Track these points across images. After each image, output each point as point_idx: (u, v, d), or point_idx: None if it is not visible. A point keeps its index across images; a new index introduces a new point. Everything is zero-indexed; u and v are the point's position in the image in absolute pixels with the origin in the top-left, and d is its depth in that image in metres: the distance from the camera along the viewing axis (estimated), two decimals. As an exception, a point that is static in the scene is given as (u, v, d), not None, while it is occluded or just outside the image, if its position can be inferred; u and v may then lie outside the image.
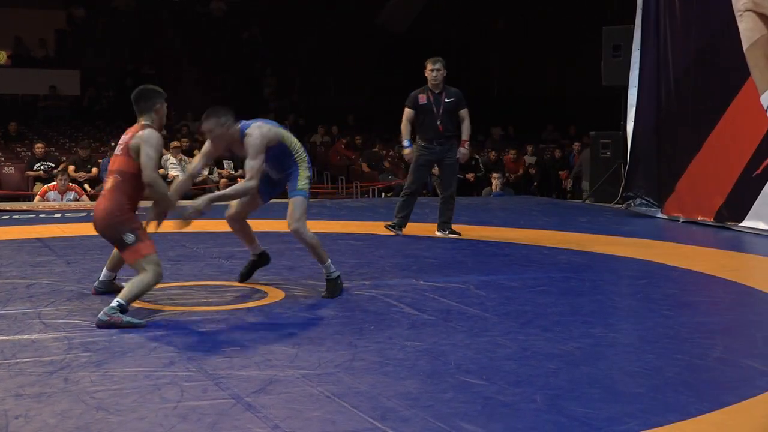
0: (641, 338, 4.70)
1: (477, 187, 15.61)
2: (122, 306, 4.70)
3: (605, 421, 3.28)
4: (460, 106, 8.46)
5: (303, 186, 5.55)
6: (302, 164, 5.60)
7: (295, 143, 5.62)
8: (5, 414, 3.25)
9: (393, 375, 3.84)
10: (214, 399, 3.48)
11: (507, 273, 6.64)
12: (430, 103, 8.39)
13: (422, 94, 8.48)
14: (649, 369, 4.00)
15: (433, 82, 8.46)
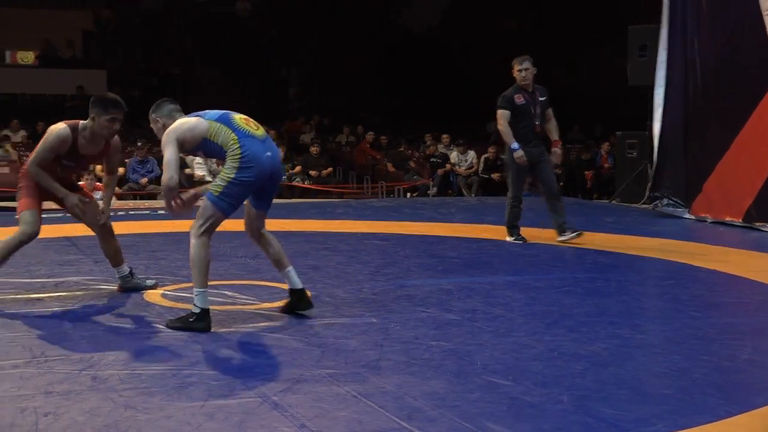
0: (669, 339, 4.67)
1: (503, 187, 15.57)
2: None
3: (633, 422, 3.26)
4: (549, 105, 8.22)
5: (215, 190, 4.71)
6: (230, 164, 4.67)
7: (222, 133, 4.69)
8: (35, 411, 3.28)
9: (419, 375, 3.84)
10: (241, 398, 3.49)
11: (533, 273, 6.62)
12: (528, 103, 8.04)
13: (518, 94, 8.06)
14: (677, 370, 3.98)
15: (523, 82, 8.06)
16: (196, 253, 4.66)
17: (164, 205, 4.96)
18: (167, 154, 4.65)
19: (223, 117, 4.77)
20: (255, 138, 4.74)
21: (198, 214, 4.72)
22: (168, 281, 6.03)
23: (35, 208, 5.26)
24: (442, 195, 15.37)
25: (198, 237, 4.68)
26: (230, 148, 4.66)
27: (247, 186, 4.70)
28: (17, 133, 17.06)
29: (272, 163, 4.77)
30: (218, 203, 4.69)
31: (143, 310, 5.10)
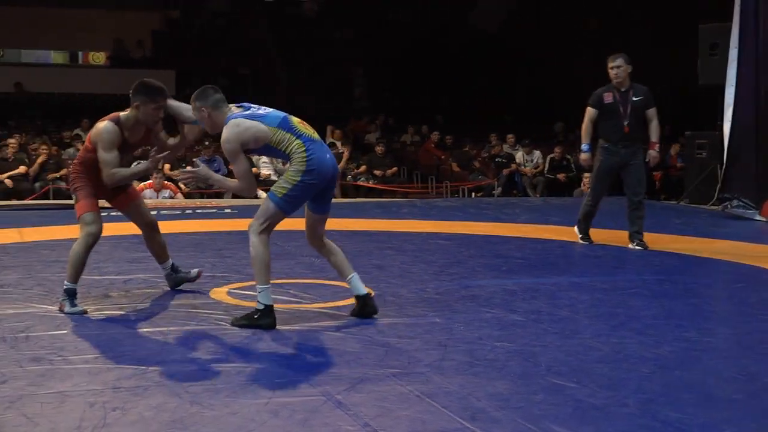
0: (737, 343, 4.59)
1: (569, 188, 15.46)
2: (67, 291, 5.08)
3: (700, 427, 3.21)
4: (648, 105, 7.84)
5: (276, 190, 4.76)
6: (295, 166, 4.74)
7: (286, 140, 4.75)
8: (103, 406, 3.34)
9: (483, 375, 3.83)
10: (305, 396, 3.51)
11: (598, 275, 6.56)
12: (616, 102, 7.82)
13: (608, 92, 7.90)
14: (746, 375, 3.91)
15: (616, 80, 7.85)
16: (256, 251, 4.72)
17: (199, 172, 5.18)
18: (241, 166, 4.78)
19: (284, 123, 4.81)
20: (316, 141, 4.82)
21: (259, 213, 4.77)
22: (233, 279, 6.09)
23: (95, 209, 5.27)
24: (506, 195, 15.29)
25: (258, 235, 4.74)
26: (296, 152, 4.73)
27: (311, 189, 4.77)
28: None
29: (333, 165, 4.86)
30: (281, 204, 4.74)
31: (209, 308, 5.16)
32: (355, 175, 15.47)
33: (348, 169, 15.67)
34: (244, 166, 4.79)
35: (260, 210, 4.78)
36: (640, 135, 7.88)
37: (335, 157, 5.47)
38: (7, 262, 6.74)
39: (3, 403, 3.35)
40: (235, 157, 4.76)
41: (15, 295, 5.45)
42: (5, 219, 9.90)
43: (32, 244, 7.78)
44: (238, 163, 4.77)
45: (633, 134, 7.83)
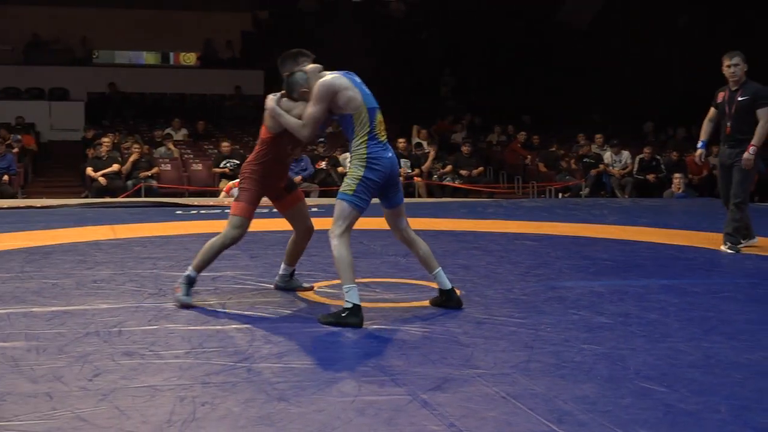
0: (835, 350, 4.45)
1: (658, 189, 15.20)
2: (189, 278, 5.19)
3: (796, 435, 3.13)
4: (757, 105, 7.55)
5: (345, 189, 4.83)
6: (356, 162, 4.84)
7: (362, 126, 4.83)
8: (193, 401, 3.39)
9: (570, 378, 3.78)
10: (391, 395, 3.52)
11: (689, 277, 6.43)
12: (724, 102, 7.73)
13: (722, 91, 7.80)
14: None
15: (732, 79, 7.69)
16: (338, 253, 4.76)
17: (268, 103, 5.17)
18: (316, 113, 4.82)
19: (372, 110, 4.89)
20: (380, 142, 4.87)
21: (335, 216, 4.83)
22: (320, 278, 6.14)
23: (248, 216, 5.28)
24: (594, 196, 15.12)
25: (338, 237, 4.79)
26: (358, 141, 4.83)
27: (374, 186, 4.86)
28: (179, 131, 17.69)
29: (392, 162, 4.92)
30: (354, 201, 4.81)
31: (296, 306, 5.21)
32: (441, 175, 15.45)
33: (434, 168, 15.66)
34: (318, 113, 4.82)
35: (336, 213, 4.84)
36: (747, 136, 7.57)
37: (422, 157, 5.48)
38: (100, 259, 6.91)
39: (96, 396, 3.44)
40: (319, 102, 4.81)
41: (108, 291, 5.58)
42: (99, 216, 10.16)
43: (124, 241, 7.96)
44: (316, 109, 4.81)
45: (736, 135, 7.63)
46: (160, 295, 5.46)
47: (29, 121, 18.21)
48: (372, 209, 5.02)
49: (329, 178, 14.59)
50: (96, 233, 8.48)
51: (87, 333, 4.47)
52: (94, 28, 21.66)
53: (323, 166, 14.80)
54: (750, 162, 7.55)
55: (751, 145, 7.54)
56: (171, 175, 14.86)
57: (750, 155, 7.54)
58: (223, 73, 21.32)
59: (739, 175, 7.63)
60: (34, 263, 6.67)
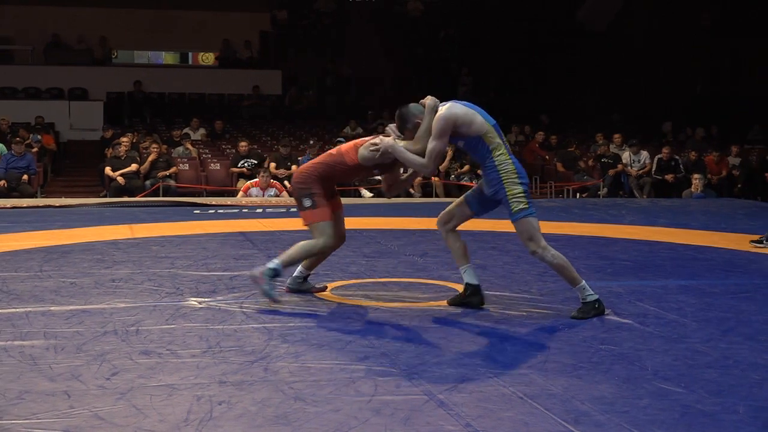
0: None
1: (677, 189, 15.13)
2: (276, 270, 5.14)
3: (814, 437, 3.11)
4: None
5: (518, 208, 4.92)
6: (507, 179, 4.93)
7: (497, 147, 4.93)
8: (210, 400, 3.41)
9: (587, 378, 3.77)
10: (407, 394, 3.52)
11: (708, 278, 6.39)
12: None
13: None
14: None
15: None
16: (556, 262, 4.95)
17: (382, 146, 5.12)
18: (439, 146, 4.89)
19: (496, 126, 4.99)
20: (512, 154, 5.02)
21: (527, 235, 4.97)
22: (336, 277, 6.14)
23: (332, 219, 5.29)
24: (612, 196, 15.05)
25: (545, 248, 4.96)
26: (501, 158, 4.92)
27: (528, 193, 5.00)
28: (197, 131, 17.75)
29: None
30: (532, 212, 4.97)
31: (313, 305, 5.22)
32: (458, 174, 15.44)
33: (451, 168, 15.65)
34: (440, 147, 4.90)
35: (526, 233, 4.97)
36: None
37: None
38: (118, 258, 6.94)
39: (114, 395, 3.45)
40: (441, 136, 4.88)
41: (126, 290, 5.60)
42: (117, 215, 10.20)
43: (142, 240, 7.99)
44: (438, 143, 4.88)
45: None
46: (178, 294, 5.48)
47: (49, 120, 18.29)
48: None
49: (347, 178, 14.61)
50: (114, 232, 8.51)
51: (105, 332, 4.49)
52: (114, 28, 21.75)
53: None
54: None
55: None
56: (189, 175, 14.90)
57: None
58: (242, 72, 21.36)
59: None
60: (53, 262, 6.71)
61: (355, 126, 18.37)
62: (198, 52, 24.25)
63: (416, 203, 12.82)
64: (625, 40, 22.18)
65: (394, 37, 22.49)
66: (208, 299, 5.33)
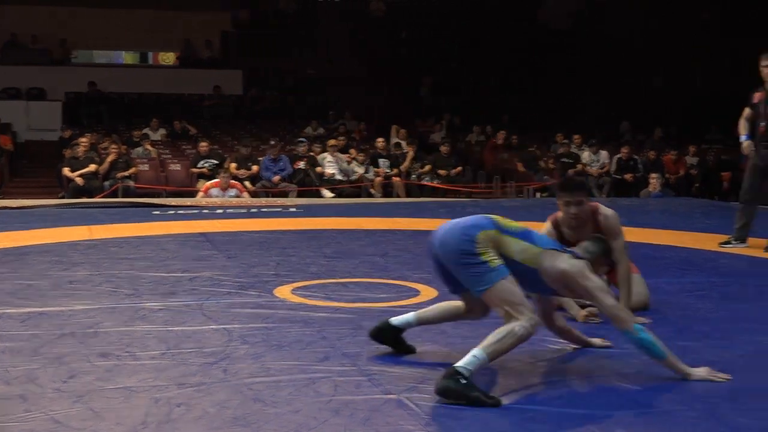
0: (809, 348, 4.49)
1: (636, 188, 15.27)
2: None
3: (768, 433, 3.15)
4: None
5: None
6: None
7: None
8: (168, 402, 3.39)
9: (546, 376, 3.81)
10: (367, 395, 3.52)
11: (665, 277, 6.46)
12: (760, 102, 7.66)
13: (758, 92, 7.71)
14: (817, 380, 3.82)
15: (767, 79, 7.61)
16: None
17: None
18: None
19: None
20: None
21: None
22: (298, 278, 6.13)
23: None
24: (573, 195, 15.12)
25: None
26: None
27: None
28: (157, 132, 17.63)
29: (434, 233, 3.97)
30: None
31: (274, 306, 5.20)
32: (419, 174, 15.47)
33: (413, 168, 15.68)
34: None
35: None
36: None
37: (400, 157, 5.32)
38: (76, 259, 6.88)
39: (71, 398, 3.42)
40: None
41: (84, 292, 5.56)
42: (76, 217, 10.10)
43: (101, 242, 7.93)
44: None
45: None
46: (137, 296, 5.44)
47: (6, 121, 18.08)
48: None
49: (308, 179, 14.58)
50: (72, 234, 8.43)
51: (62, 334, 4.45)
52: (73, 27, 21.53)
53: (301, 166, 14.78)
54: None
55: None
56: (149, 176, 14.80)
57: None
58: (202, 72, 21.23)
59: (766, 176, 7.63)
60: (9, 264, 6.63)
61: (317, 126, 18.36)
62: (158, 52, 24.08)
63: (377, 204, 12.82)
64: (584, 40, 22.36)
65: (356, 37, 22.49)
66: (168, 301, 5.30)
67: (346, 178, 14.87)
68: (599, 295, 3.81)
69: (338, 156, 15.02)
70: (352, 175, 14.92)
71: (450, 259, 3.82)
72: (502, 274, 3.72)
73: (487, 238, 3.77)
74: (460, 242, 3.76)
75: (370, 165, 15.20)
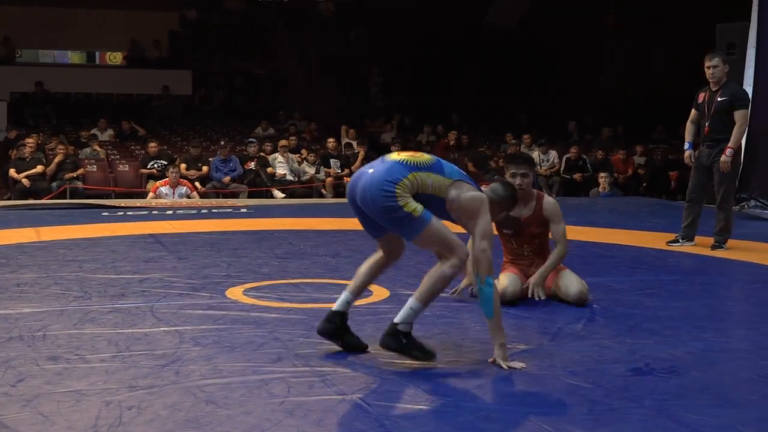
0: (755, 344, 4.57)
1: (584, 188, 15.41)
2: None
3: (717, 428, 3.20)
4: (734, 107, 7.57)
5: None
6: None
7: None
8: (119, 405, 3.35)
9: (498, 375, 3.82)
10: (321, 395, 3.52)
11: (614, 275, 6.53)
12: (704, 102, 7.73)
13: (702, 92, 7.80)
14: (763, 376, 3.89)
15: (711, 80, 7.67)
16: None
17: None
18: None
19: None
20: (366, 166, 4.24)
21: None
22: (249, 279, 6.10)
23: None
24: (523, 195, 15.23)
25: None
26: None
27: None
28: (105, 132, 17.45)
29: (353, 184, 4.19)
30: None
31: (225, 308, 5.17)
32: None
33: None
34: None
35: None
36: (725, 136, 7.60)
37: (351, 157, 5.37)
38: (24, 261, 6.78)
39: (20, 402, 3.37)
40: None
41: (32, 294, 5.48)
42: (22, 218, 9.95)
43: (49, 243, 7.82)
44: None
45: (714, 135, 7.68)
46: (86, 298, 5.37)
47: (-51, 121, 17.80)
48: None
49: (258, 179, 14.51)
50: (19, 236, 8.31)
51: (10, 338, 4.38)
52: (18, 26, 21.21)
53: (252, 166, 14.71)
54: (727, 165, 7.57)
55: (727, 147, 7.56)
56: (97, 177, 14.62)
57: (727, 158, 7.55)
58: (151, 72, 21.03)
59: (719, 177, 7.70)
60: (-45, 267, 6.52)
61: (267, 126, 18.28)
62: (105, 52, 23.82)
63: (328, 204, 12.81)
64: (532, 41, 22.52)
65: (306, 37, 22.44)
66: (118, 303, 5.24)
67: (297, 178, 14.83)
68: (479, 235, 4.01)
69: (289, 156, 14.97)
70: (303, 175, 14.89)
71: (375, 215, 4.04)
72: (427, 219, 3.97)
73: (404, 188, 3.96)
74: (382, 200, 3.95)
75: (321, 165, 15.17)
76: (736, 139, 7.59)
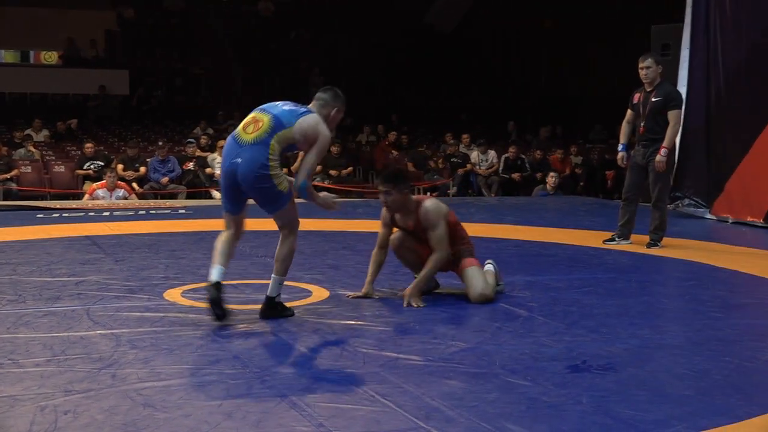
0: (689, 340, 4.65)
1: (523, 188, 15.54)
2: None
3: (652, 423, 3.24)
4: (668, 107, 7.68)
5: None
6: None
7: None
8: (54, 410, 3.30)
9: (437, 375, 3.83)
10: (259, 397, 3.50)
11: (553, 273, 6.60)
12: (639, 103, 7.84)
13: (637, 92, 7.91)
14: (698, 371, 3.96)
15: (645, 81, 7.78)
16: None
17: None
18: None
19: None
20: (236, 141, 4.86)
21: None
22: (188, 280, 6.05)
23: None
24: (462, 195, 15.34)
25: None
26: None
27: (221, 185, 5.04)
28: (40, 132, 17.17)
29: (233, 170, 4.80)
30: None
31: (163, 310, 5.12)
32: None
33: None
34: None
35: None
36: (659, 136, 7.70)
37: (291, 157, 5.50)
38: (-44, 265, 6.64)
39: (-49, 408, 3.30)
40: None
41: (-36, 298, 5.36)
42: (-46, 220, 9.75)
43: (-18, 246, 7.67)
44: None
45: (649, 135, 7.79)
46: (20, 302, 5.28)
47: None
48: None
49: (197, 180, 14.39)
50: (-49, 238, 8.14)
51: (-59, 343, 4.29)
52: (-51, 24, 20.85)
53: (191, 167, 14.58)
54: (662, 164, 7.67)
55: (662, 147, 7.65)
56: (32, 178, 14.38)
57: (662, 157, 7.64)
58: (87, 72, 20.74)
59: (654, 176, 7.80)
60: None
61: (206, 126, 18.13)
62: (40, 51, 23.43)
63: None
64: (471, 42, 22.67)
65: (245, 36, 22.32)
66: (53, 306, 5.16)
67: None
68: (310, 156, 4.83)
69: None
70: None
71: (249, 188, 4.78)
72: (288, 197, 4.83)
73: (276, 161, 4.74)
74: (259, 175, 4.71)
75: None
76: (671, 138, 7.71)
